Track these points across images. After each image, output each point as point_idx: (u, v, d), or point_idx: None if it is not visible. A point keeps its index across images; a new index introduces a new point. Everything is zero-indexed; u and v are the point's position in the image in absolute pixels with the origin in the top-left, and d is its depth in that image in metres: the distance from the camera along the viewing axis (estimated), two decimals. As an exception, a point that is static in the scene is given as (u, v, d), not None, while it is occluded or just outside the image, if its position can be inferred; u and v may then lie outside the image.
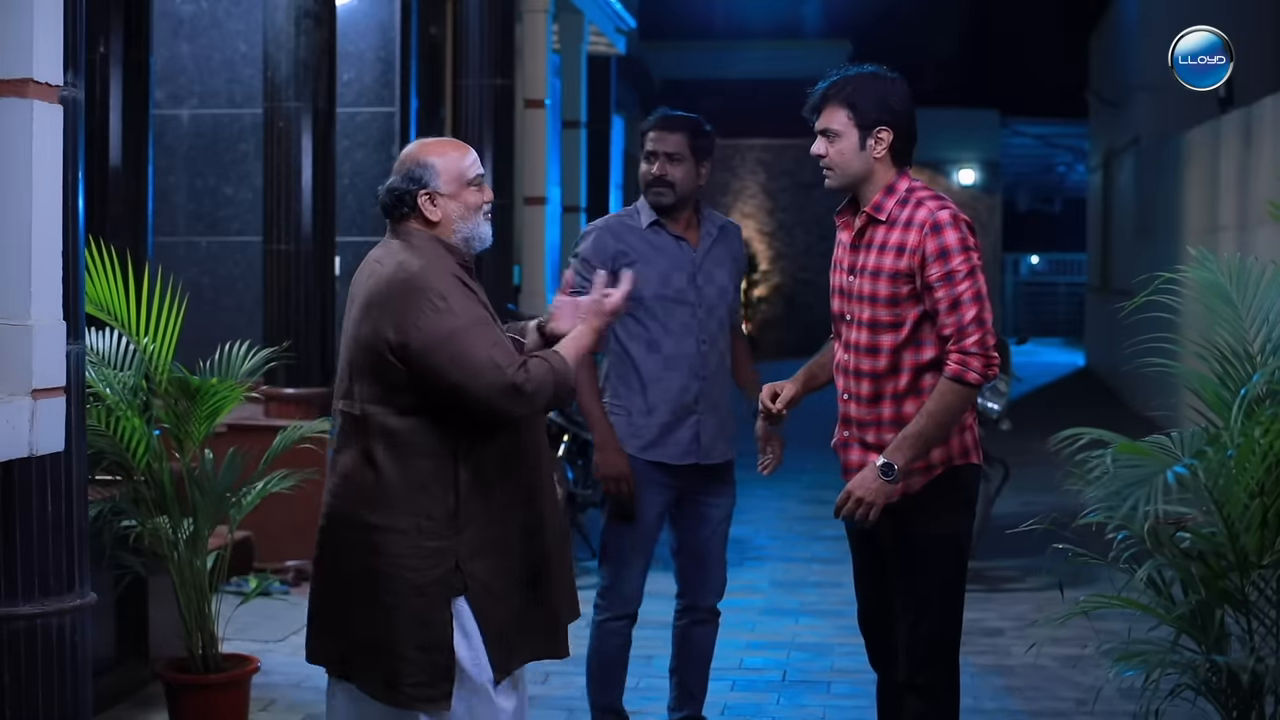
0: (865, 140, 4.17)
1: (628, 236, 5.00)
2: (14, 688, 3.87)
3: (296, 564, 7.69)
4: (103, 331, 5.36)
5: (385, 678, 3.79)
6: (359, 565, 3.81)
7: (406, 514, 3.77)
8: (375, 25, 9.41)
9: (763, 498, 10.80)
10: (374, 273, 3.83)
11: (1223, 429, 3.90)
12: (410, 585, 3.76)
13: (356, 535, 3.81)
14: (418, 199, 3.86)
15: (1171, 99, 15.03)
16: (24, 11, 3.75)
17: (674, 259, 4.99)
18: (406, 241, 3.86)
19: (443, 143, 3.98)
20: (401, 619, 3.76)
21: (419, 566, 3.76)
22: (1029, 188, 37.28)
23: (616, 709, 5.14)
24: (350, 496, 3.83)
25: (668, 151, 4.95)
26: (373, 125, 9.46)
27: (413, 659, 3.76)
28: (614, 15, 15.54)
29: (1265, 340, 4.04)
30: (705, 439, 5.02)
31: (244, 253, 9.35)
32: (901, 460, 4.06)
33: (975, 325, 4.06)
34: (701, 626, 5.19)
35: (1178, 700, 4.02)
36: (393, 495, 3.77)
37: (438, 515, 3.78)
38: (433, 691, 3.77)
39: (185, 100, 9.41)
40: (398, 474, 3.77)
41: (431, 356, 3.69)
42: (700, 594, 5.16)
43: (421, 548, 3.77)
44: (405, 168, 3.89)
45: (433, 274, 3.77)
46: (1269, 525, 3.81)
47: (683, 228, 5.04)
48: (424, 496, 3.77)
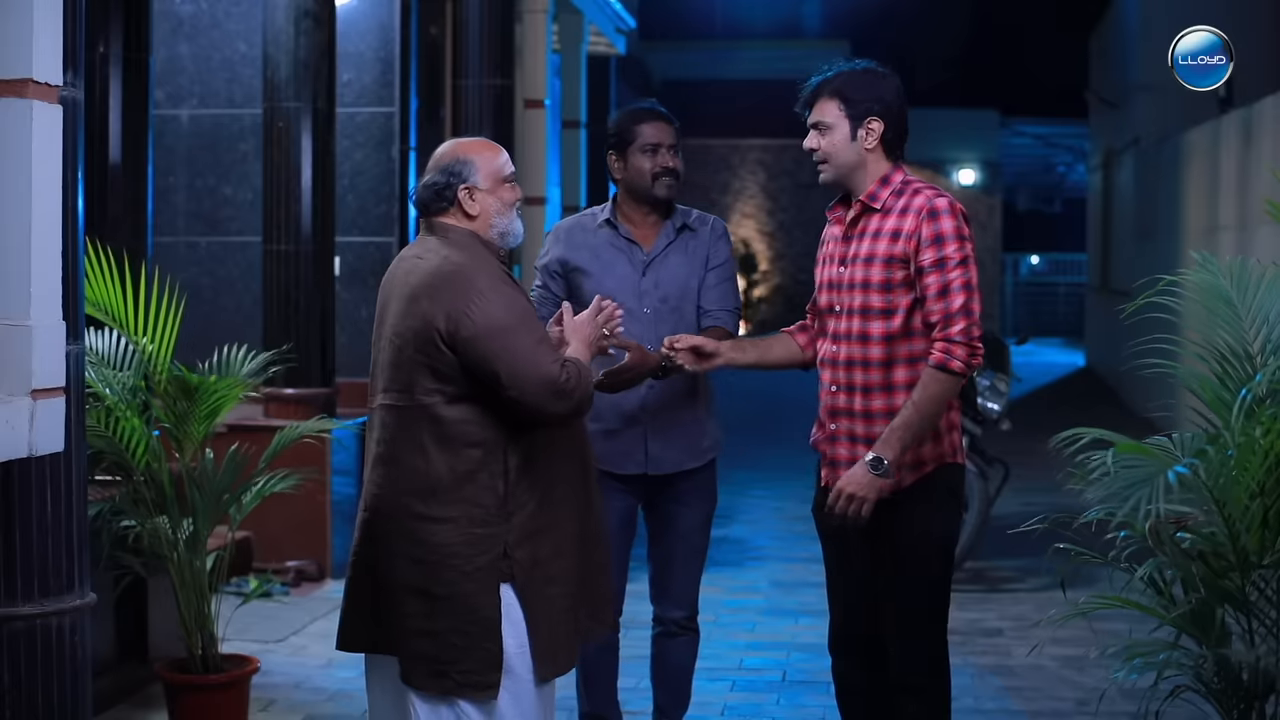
0: (856, 131, 4.20)
1: (580, 238, 4.87)
2: (14, 688, 3.86)
3: (296, 564, 7.69)
4: (102, 332, 5.36)
5: (432, 667, 3.80)
6: (407, 554, 3.82)
7: (456, 502, 3.79)
8: (375, 25, 9.41)
9: (763, 498, 10.80)
10: (415, 268, 3.87)
11: (1223, 429, 3.90)
12: (459, 572, 3.78)
13: (405, 525, 3.83)
14: (458, 193, 3.92)
15: (1171, 99, 15.04)
16: (24, 11, 3.75)
17: (620, 262, 4.83)
18: (444, 238, 3.92)
19: (478, 142, 4.06)
20: (450, 607, 3.78)
21: (467, 553, 3.78)
22: (1029, 188, 37.33)
23: (605, 715, 5.03)
24: (398, 487, 3.85)
25: (670, 143, 4.85)
26: (373, 125, 9.45)
27: (461, 646, 3.78)
28: (614, 15, 15.54)
29: (1265, 341, 4.04)
30: (655, 449, 4.80)
31: (244, 253, 9.34)
32: (891, 453, 4.07)
33: (962, 314, 4.07)
34: (670, 639, 5.01)
35: (1178, 701, 4.02)
36: (442, 484, 3.80)
37: (487, 503, 3.80)
38: (481, 680, 3.79)
39: (185, 100, 9.40)
40: (446, 463, 3.80)
41: (481, 345, 3.73)
42: (663, 604, 4.99)
43: (470, 534, 3.79)
44: (444, 164, 3.95)
45: (479, 266, 3.83)
46: (1270, 525, 3.81)
47: (640, 227, 4.88)
48: (472, 485, 3.80)
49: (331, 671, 6.26)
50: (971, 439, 8.21)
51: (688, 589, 4.98)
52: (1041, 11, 32.25)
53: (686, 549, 4.95)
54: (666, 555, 4.96)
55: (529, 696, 3.86)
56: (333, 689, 6.10)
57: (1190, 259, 4.30)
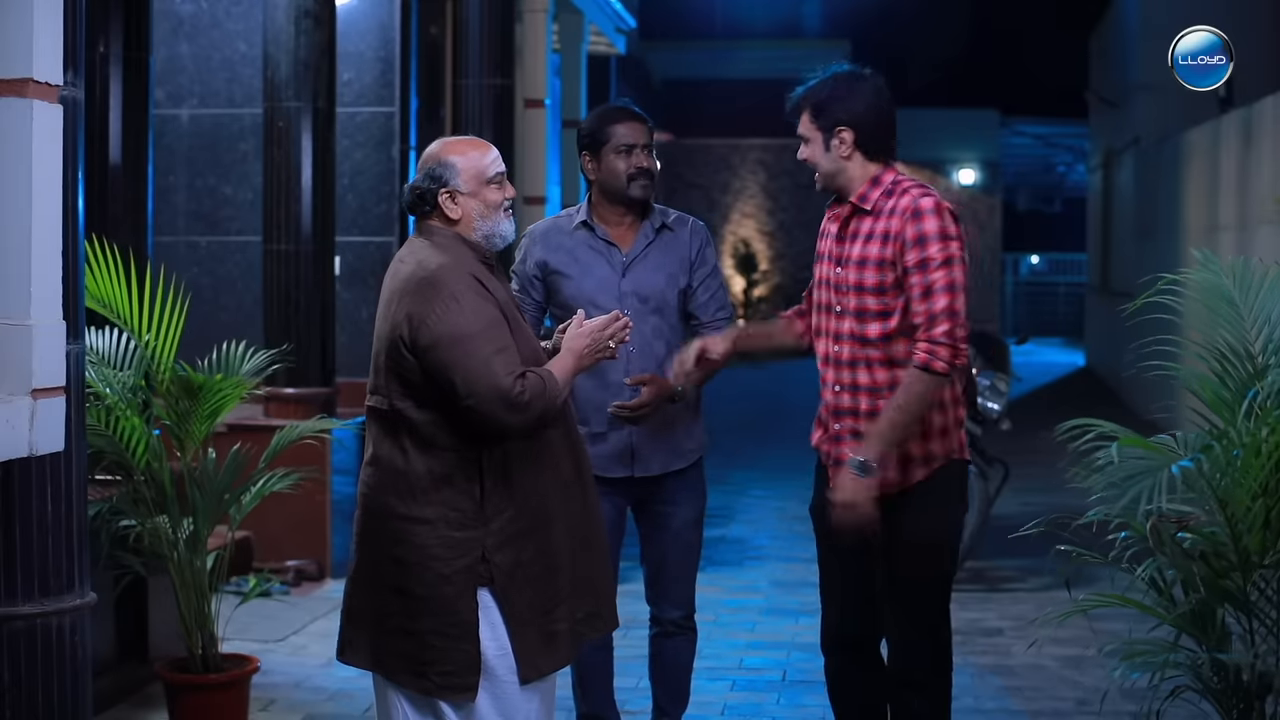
0: (829, 142, 4.27)
1: (556, 241, 4.86)
2: (14, 688, 3.86)
3: (296, 564, 7.69)
4: (103, 331, 5.36)
5: (412, 666, 3.82)
6: (388, 555, 3.85)
7: (433, 505, 3.81)
8: (375, 25, 9.41)
9: (763, 498, 10.80)
10: (398, 271, 3.90)
11: (1227, 428, 3.90)
12: (438, 575, 3.80)
13: (387, 525, 3.86)
14: (438, 197, 3.92)
15: (1171, 99, 15.03)
16: (24, 11, 3.75)
17: (599, 264, 4.82)
18: (429, 239, 3.93)
19: (464, 141, 4.04)
20: (429, 608, 3.80)
21: (446, 556, 3.80)
22: (1029, 187, 37.33)
23: (603, 715, 5.03)
24: (381, 488, 3.88)
25: (645, 143, 4.84)
26: (373, 125, 9.45)
27: (440, 648, 3.80)
28: (614, 15, 15.54)
29: (1268, 341, 4.04)
30: (641, 451, 4.80)
31: (244, 253, 9.34)
32: (873, 454, 4.10)
33: (945, 316, 4.09)
34: (668, 639, 5.00)
35: (1179, 700, 4.02)
36: (420, 487, 3.82)
37: (464, 506, 3.81)
38: (459, 681, 3.81)
39: (185, 100, 9.40)
40: (424, 466, 3.82)
41: (436, 353, 3.73)
42: (660, 604, 4.98)
43: (448, 538, 3.80)
44: (427, 167, 3.96)
45: (451, 272, 3.81)
46: (1272, 526, 3.81)
47: (617, 228, 4.87)
48: (449, 488, 3.81)
49: (331, 671, 6.26)
50: (971, 439, 8.21)
51: (684, 589, 4.97)
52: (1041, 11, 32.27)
53: (680, 548, 4.94)
54: (661, 556, 4.95)
55: (511, 698, 3.86)
56: (333, 688, 6.10)
57: (1191, 258, 4.30)
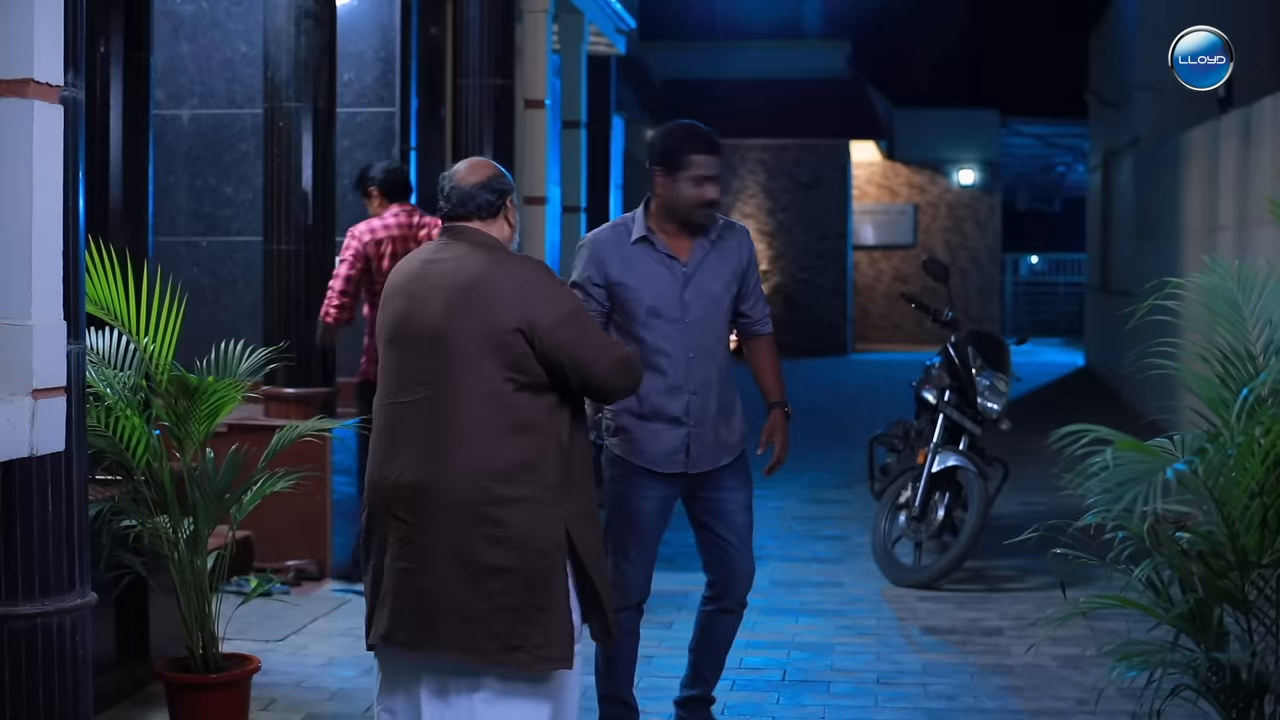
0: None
1: (617, 253, 5.05)
2: (14, 688, 3.87)
3: (297, 563, 7.69)
4: (103, 331, 5.36)
5: (507, 644, 3.96)
6: (483, 535, 3.99)
7: (528, 484, 4.00)
8: (375, 25, 9.41)
9: (763, 498, 10.77)
10: (462, 267, 4.07)
11: (1223, 428, 3.90)
12: (533, 550, 3.99)
13: (480, 508, 3.99)
14: (507, 203, 4.21)
15: (1171, 99, 15.02)
16: (24, 11, 3.75)
17: (662, 277, 5.04)
18: (477, 243, 4.14)
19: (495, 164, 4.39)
20: (527, 583, 3.98)
21: (541, 531, 4.00)
22: (1028, 187, 37.29)
23: (624, 699, 5.21)
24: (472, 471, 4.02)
25: (715, 175, 5.05)
26: (373, 125, 9.46)
27: (538, 621, 3.97)
28: (614, 15, 15.53)
29: (1268, 342, 4.04)
30: (695, 450, 5.09)
31: (244, 253, 9.35)
32: None
33: None
34: (727, 615, 5.28)
35: (1178, 700, 4.03)
36: (516, 466, 4.01)
37: (551, 484, 4.03)
38: (558, 653, 3.99)
39: (185, 100, 9.41)
40: (518, 447, 4.01)
41: (561, 332, 4.00)
42: (728, 585, 5.23)
43: (541, 514, 4.01)
44: (487, 177, 4.20)
45: (534, 265, 4.14)
46: (1269, 525, 3.81)
47: (675, 239, 5.09)
48: (541, 468, 4.03)
49: (332, 670, 6.26)
50: (971, 439, 8.22)
51: (749, 566, 5.24)
52: (1041, 11, 32.27)
53: (740, 529, 5.20)
54: (723, 540, 5.19)
55: (577, 672, 4.12)
56: (333, 688, 6.10)
57: (1190, 259, 4.32)
